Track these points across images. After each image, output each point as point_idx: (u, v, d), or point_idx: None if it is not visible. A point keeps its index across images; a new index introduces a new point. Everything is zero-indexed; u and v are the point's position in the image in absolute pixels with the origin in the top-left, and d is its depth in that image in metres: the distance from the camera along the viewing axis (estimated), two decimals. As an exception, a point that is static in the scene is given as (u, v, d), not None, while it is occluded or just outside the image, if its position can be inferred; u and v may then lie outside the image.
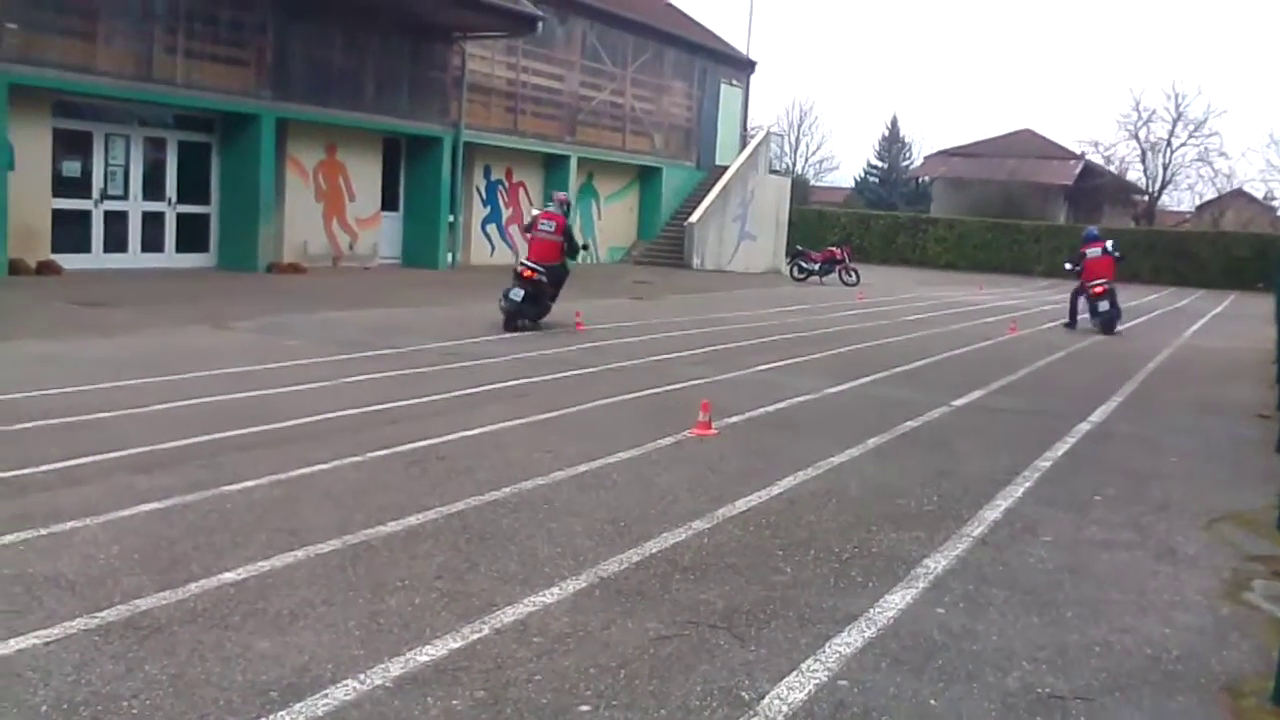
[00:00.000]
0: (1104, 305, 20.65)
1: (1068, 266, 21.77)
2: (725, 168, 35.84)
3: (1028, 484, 7.81)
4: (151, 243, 21.52)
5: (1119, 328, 20.52)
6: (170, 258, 21.80)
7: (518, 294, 15.39)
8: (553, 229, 16.09)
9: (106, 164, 20.73)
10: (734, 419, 9.55)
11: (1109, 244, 21.47)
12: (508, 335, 14.65)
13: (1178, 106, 66.39)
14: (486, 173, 29.45)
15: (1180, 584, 5.81)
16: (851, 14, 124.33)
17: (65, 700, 3.82)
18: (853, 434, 9.17)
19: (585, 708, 3.98)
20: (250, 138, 21.94)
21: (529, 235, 16.41)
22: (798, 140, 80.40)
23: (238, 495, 6.44)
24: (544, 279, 15.67)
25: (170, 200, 21.80)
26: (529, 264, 15.74)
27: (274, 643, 4.39)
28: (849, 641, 4.71)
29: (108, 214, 20.72)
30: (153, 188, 21.47)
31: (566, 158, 30.93)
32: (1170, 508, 7.42)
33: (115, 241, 20.88)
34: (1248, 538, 6.81)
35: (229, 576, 5.09)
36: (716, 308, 21.20)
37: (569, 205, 17.14)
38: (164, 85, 20.07)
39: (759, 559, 5.78)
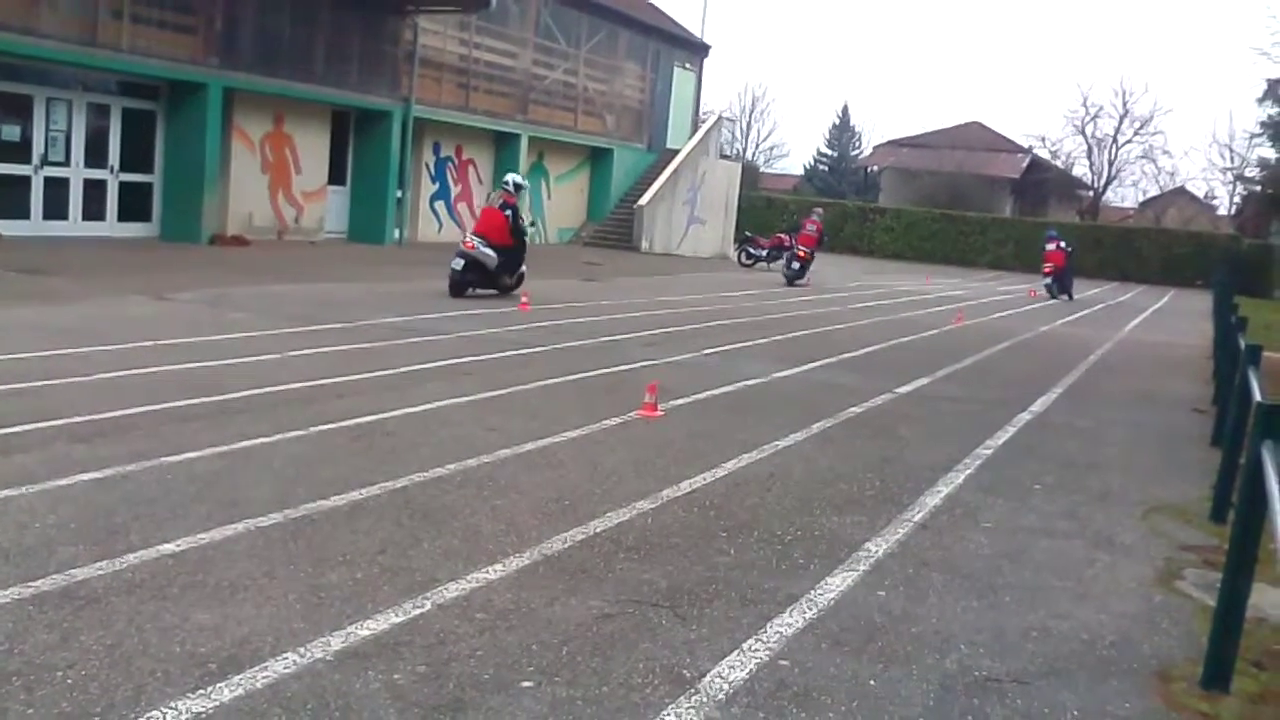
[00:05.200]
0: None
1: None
2: (676, 151, 35.81)
3: (968, 471, 7.89)
4: (93, 211, 21.15)
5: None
6: (112, 226, 21.44)
7: (458, 263, 16.81)
8: (499, 204, 17.50)
9: (48, 129, 20.32)
10: (680, 401, 9.57)
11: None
12: (454, 313, 14.57)
13: (1125, 103, 67.31)
14: (436, 149, 29.22)
15: (1116, 572, 5.91)
16: (805, 1, 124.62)
17: (-2, 669, 3.76)
18: (798, 418, 9.22)
19: (527, 683, 3.98)
20: (196, 106, 21.60)
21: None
22: (749, 126, 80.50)
23: (178, 466, 6.36)
24: (488, 252, 16.87)
25: (113, 168, 21.44)
26: (471, 236, 17.28)
27: (213, 615, 4.35)
28: (790, 622, 4.74)
29: (48, 180, 20.33)
30: (95, 155, 21.10)
31: (517, 136, 30.76)
32: (1108, 497, 7.54)
33: (55, 208, 20.49)
34: (1181, 528, 6.93)
35: (168, 548, 5.04)
36: (665, 291, 21.20)
37: (517, 186, 17.96)
38: (109, 50, 19.70)
39: (702, 540, 5.80)
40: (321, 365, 9.98)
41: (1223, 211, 68.77)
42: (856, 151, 79.05)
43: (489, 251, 16.89)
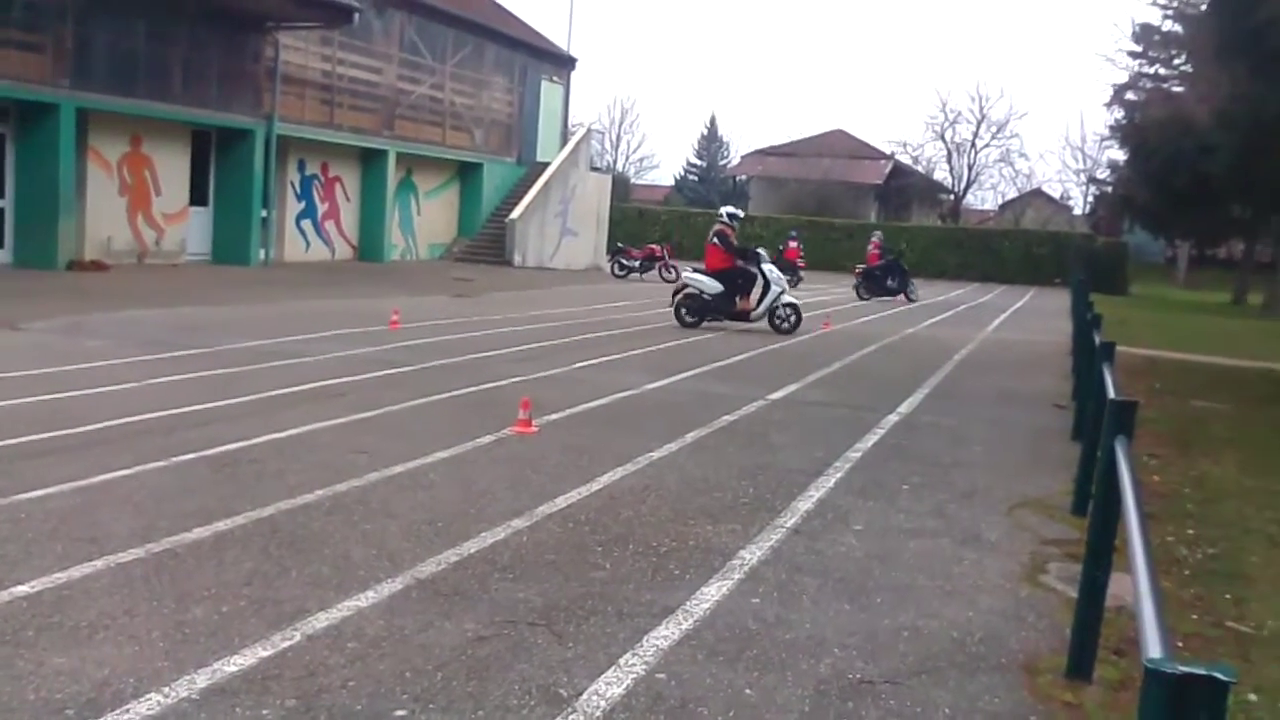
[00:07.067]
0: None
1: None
2: (546, 164, 35.78)
3: (839, 474, 8.01)
4: (-61, 239, 20.33)
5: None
6: (-40, 254, 20.64)
7: (676, 295, 18.52)
8: (713, 238, 18.58)
9: (-113, 155, 19.48)
10: (554, 416, 9.53)
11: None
12: (320, 334, 14.31)
13: (982, 108, 69.80)
14: (301, 166, 28.72)
15: (983, 568, 6.05)
16: (671, 13, 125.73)
17: None
18: (671, 429, 9.26)
19: (401, 712, 3.92)
20: (48, 129, 20.89)
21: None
22: (619, 138, 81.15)
23: (32, 504, 6.12)
24: (699, 279, 18.24)
25: (-41, 194, 20.63)
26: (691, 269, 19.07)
27: (71, 658, 4.19)
28: (666, 634, 4.75)
29: (-111, 208, 19.49)
30: (-61, 180, 20.28)
31: (385, 152, 30.41)
32: (974, 495, 7.72)
33: (-103, 237, 19.64)
34: (1045, 522, 7.13)
35: (21, 589, 4.84)
36: (538, 305, 21.14)
37: (731, 215, 19.06)
38: (-50, 72, 18.97)
39: (578, 555, 5.78)
40: (183, 393, 9.71)
41: (1078, 211, 71.26)
42: (725, 161, 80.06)
43: (699, 279, 18.20)
